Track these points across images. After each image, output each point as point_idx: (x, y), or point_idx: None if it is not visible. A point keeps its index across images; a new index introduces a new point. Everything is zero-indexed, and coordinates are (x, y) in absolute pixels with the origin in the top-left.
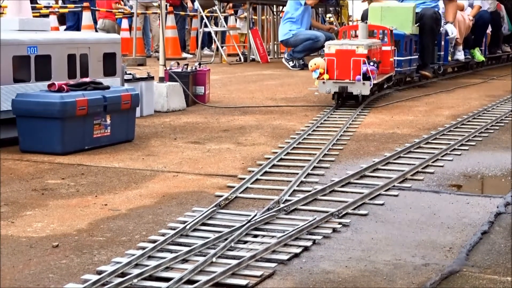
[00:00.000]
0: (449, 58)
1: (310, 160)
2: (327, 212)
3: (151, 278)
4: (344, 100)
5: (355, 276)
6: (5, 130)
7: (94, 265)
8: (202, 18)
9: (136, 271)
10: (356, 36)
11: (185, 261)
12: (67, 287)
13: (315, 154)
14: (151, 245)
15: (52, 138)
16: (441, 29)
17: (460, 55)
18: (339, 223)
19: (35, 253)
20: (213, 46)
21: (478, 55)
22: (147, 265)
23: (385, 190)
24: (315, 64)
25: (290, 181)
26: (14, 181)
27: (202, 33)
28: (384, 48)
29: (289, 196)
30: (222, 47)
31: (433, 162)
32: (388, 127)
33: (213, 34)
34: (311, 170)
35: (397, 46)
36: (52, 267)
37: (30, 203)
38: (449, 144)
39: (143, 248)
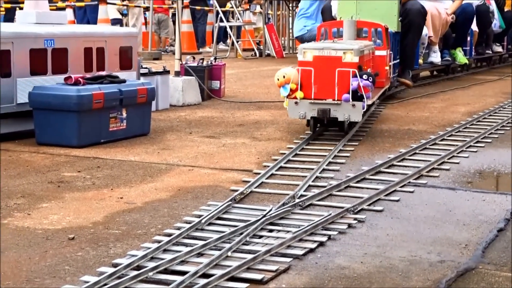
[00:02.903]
0: (420, 61)
1: (325, 155)
2: (342, 207)
3: (166, 271)
4: (325, 126)
5: (370, 272)
6: (21, 123)
7: (110, 258)
8: (217, 13)
9: (152, 264)
10: (340, 36)
11: (200, 255)
12: (83, 279)
13: (331, 149)
14: (166, 239)
15: (68, 131)
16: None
17: (436, 57)
18: (355, 219)
19: (51, 245)
20: (229, 41)
21: (460, 57)
22: (162, 259)
23: (401, 186)
24: (284, 76)
25: (306, 176)
26: (30, 173)
27: (217, 28)
28: (378, 52)
29: (304, 191)
30: (237, 42)
31: (448, 158)
32: (403, 124)
33: (228, 29)
34: (326, 165)
35: None
36: (68, 259)
37: (46, 196)
38: (465, 141)
39: (159, 242)
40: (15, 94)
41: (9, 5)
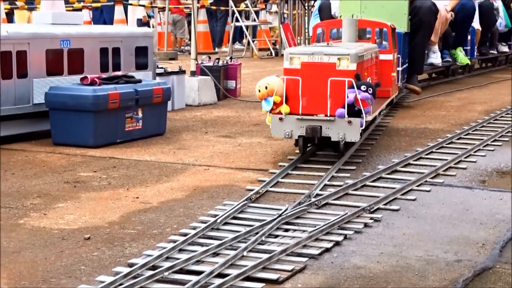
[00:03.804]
0: None
1: (341, 154)
2: (358, 207)
3: (182, 271)
4: (317, 146)
5: (386, 271)
6: (38, 123)
7: (126, 258)
8: (233, 13)
9: (167, 264)
10: (338, 38)
11: (216, 254)
12: (98, 279)
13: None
14: (182, 238)
15: (84, 131)
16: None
17: (435, 58)
18: (371, 218)
19: (67, 245)
20: (244, 40)
21: (461, 57)
22: (178, 258)
23: (417, 186)
24: (266, 87)
25: (321, 176)
26: (46, 173)
27: (233, 28)
28: (383, 56)
29: (320, 190)
30: (253, 41)
31: (465, 157)
32: (420, 122)
33: (244, 29)
34: (342, 165)
35: None
36: (84, 259)
37: (62, 196)
38: (482, 139)
39: (174, 241)
40: (31, 94)
41: (8, 6)
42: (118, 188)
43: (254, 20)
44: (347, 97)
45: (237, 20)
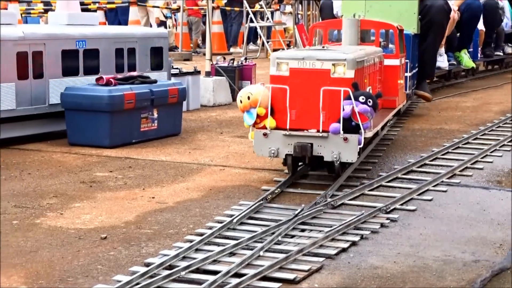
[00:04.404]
0: None
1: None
2: (374, 207)
3: (198, 270)
4: (308, 165)
5: (404, 271)
6: (53, 123)
7: (142, 257)
8: (248, 14)
9: (184, 264)
10: (339, 40)
11: (232, 254)
12: (115, 278)
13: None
14: (198, 238)
15: (100, 132)
16: None
17: (442, 62)
18: (387, 218)
19: (83, 244)
20: (259, 41)
21: (466, 60)
22: (194, 258)
23: (434, 186)
24: (248, 97)
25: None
26: (62, 173)
27: (248, 28)
28: (388, 62)
29: (336, 190)
30: (267, 42)
31: (482, 158)
32: (435, 123)
33: (258, 29)
34: (358, 165)
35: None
36: (101, 258)
37: (78, 195)
38: (498, 139)
39: (191, 241)
40: (47, 95)
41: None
42: (134, 188)
43: (269, 21)
44: (343, 109)
45: (251, 21)
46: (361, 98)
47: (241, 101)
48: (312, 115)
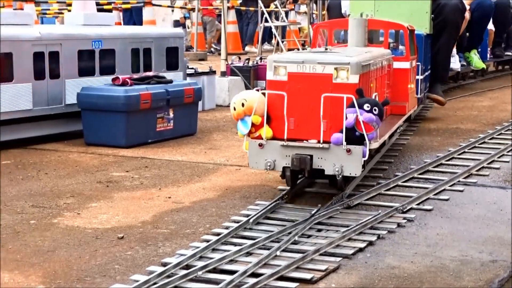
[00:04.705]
0: None
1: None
2: (391, 207)
3: (215, 270)
4: (310, 177)
5: (421, 271)
6: (70, 123)
7: (159, 257)
8: (262, 13)
9: (201, 264)
10: (344, 41)
11: (249, 254)
12: (132, 278)
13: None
14: (215, 238)
15: (116, 132)
16: None
17: (454, 63)
18: (404, 218)
19: (101, 244)
20: (274, 41)
21: (476, 60)
22: (211, 258)
23: (450, 186)
24: (243, 104)
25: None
26: (79, 173)
27: (262, 28)
28: (397, 65)
29: (352, 190)
30: (282, 42)
31: (498, 157)
32: (451, 122)
33: (273, 29)
34: (374, 165)
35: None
36: (118, 258)
37: (95, 195)
38: None
39: (207, 241)
40: (64, 95)
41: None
42: (150, 188)
43: (284, 21)
44: (346, 118)
45: (266, 21)
46: (366, 106)
47: (234, 108)
48: (312, 124)
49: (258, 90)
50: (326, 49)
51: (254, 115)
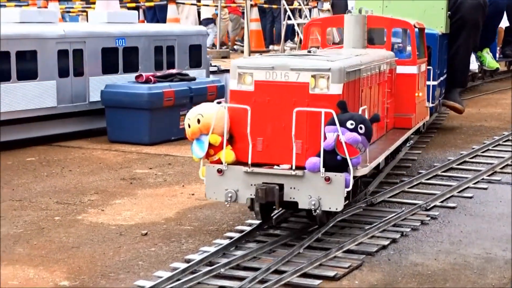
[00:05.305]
0: None
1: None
2: (414, 204)
3: (238, 267)
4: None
5: (444, 269)
6: (94, 121)
7: (182, 254)
8: (285, 11)
9: (224, 260)
10: (338, 43)
11: (272, 251)
12: (156, 274)
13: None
14: (238, 235)
15: (139, 129)
16: None
17: (472, 63)
18: (427, 216)
19: (124, 240)
20: (296, 38)
21: (489, 60)
22: (234, 255)
23: (474, 183)
24: (198, 120)
25: (377, 173)
26: (103, 170)
27: (285, 26)
28: (402, 69)
29: (376, 188)
30: None
31: None
32: (475, 120)
33: (296, 27)
34: (398, 162)
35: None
36: (142, 254)
37: (119, 192)
38: None
39: (231, 238)
40: (87, 92)
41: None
42: (173, 185)
43: (306, 18)
44: (326, 138)
45: (289, 18)
46: (350, 124)
47: (189, 125)
48: (283, 145)
49: (219, 103)
50: (309, 51)
51: (212, 134)
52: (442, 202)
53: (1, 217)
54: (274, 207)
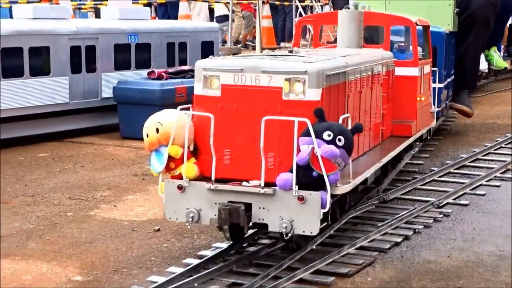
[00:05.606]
0: None
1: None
2: (427, 201)
3: (251, 264)
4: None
5: (457, 266)
6: (106, 117)
7: (195, 250)
8: (297, 8)
9: (237, 257)
10: (333, 42)
11: (284, 248)
12: (169, 270)
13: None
14: (251, 231)
15: None
16: None
17: (482, 62)
18: (440, 213)
19: (137, 236)
20: (308, 35)
21: (497, 59)
22: (247, 251)
23: (487, 181)
24: (157, 129)
25: (389, 170)
26: (115, 166)
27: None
28: (401, 71)
29: (388, 185)
30: None
31: None
32: (487, 117)
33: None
34: (410, 159)
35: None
36: (154, 250)
37: (131, 188)
38: None
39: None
40: (100, 88)
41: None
42: None
43: None
44: (300, 151)
45: (300, 15)
46: (327, 135)
47: (147, 134)
48: (253, 159)
49: (184, 109)
50: (290, 51)
51: (173, 145)
52: (454, 199)
53: (14, 212)
54: (234, 231)
